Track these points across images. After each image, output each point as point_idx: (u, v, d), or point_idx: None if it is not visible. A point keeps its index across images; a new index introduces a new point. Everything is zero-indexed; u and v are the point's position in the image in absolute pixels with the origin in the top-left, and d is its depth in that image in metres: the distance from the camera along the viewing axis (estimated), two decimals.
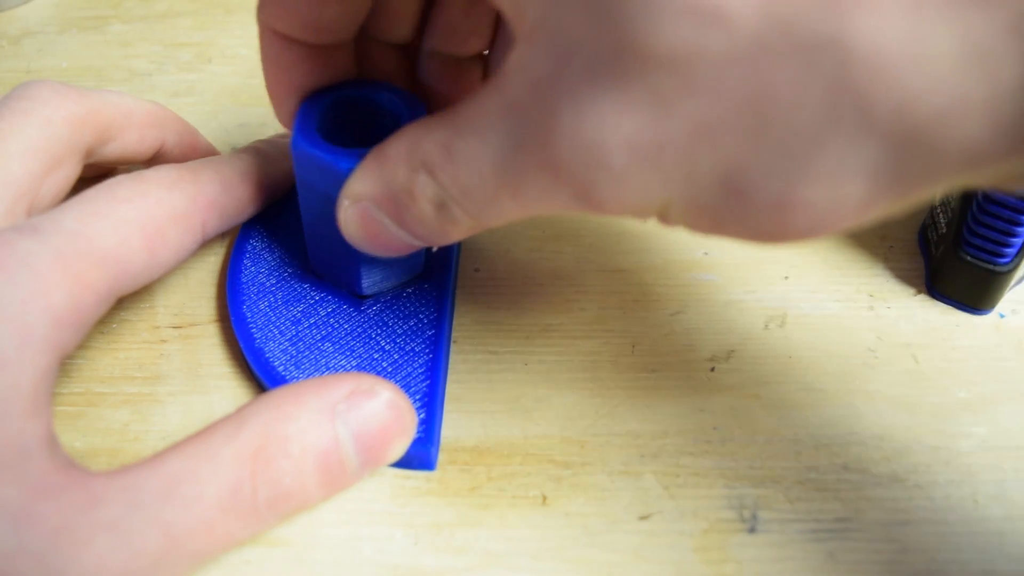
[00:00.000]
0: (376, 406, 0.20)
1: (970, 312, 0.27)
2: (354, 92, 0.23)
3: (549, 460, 0.23)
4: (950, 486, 0.23)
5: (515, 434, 0.24)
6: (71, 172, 0.24)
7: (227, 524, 0.18)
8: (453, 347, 0.26)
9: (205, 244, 0.28)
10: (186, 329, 0.26)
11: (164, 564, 0.17)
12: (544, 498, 0.22)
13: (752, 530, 0.22)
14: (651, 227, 0.29)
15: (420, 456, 0.22)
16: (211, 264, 0.28)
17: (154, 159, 0.27)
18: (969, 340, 0.26)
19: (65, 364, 0.21)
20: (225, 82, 0.35)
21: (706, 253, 0.28)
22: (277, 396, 0.19)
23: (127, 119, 0.25)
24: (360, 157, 0.20)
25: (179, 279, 0.27)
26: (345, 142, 0.22)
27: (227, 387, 0.25)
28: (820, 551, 0.21)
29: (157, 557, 0.17)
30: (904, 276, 0.28)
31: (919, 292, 0.27)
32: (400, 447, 0.20)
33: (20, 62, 0.36)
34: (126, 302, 0.27)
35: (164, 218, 0.22)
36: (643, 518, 0.22)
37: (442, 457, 0.23)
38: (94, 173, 0.28)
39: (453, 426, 0.24)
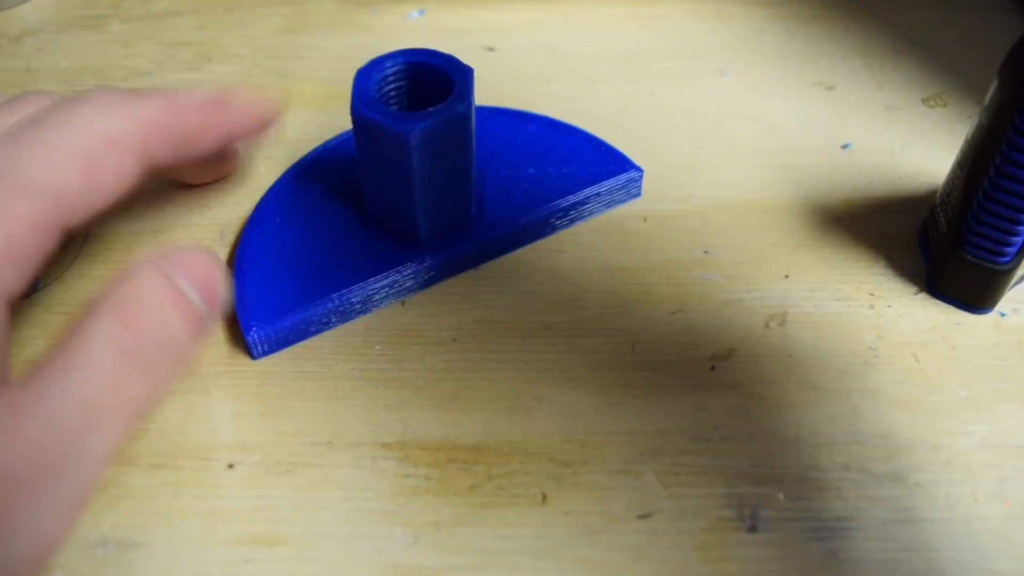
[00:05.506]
0: (190, 255, 0.21)
1: (970, 311, 0.26)
2: (409, 59, 0.26)
3: (549, 459, 0.23)
4: (951, 485, 0.23)
5: (515, 433, 0.24)
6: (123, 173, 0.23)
7: (130, 381, 0.19)
8: (453, 345, 0.26)
9: (203, 242, 0.28)
10: None
11: (87, 433, 0.18)
12: (544, 497, 0.22)
13: (752, 529, 0.22)
14: (651, 226, 0.29)
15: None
16: None
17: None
18: (969, 339, 0.26)
19: None
20: (225, 81, 0.35)
21: (706, 252, 0.28)
22: (111, 283, 0.20)
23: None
24: (416, 121, 0.24)
25: None
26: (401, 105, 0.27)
27: (227, 386, 0.25)
28: (821, 550, 0.21)
29: (80, 429, 0.18)
30: (904, 275, 0.28)
31: (919, 291, 0.27)
32: (223, 286, 0.22)
33: (20, 61, 0.36)
34: None
35: (99, 141, 0.21)
36: (643, 517, 0.22)
37: (441, 456, 0.23)
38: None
39: (453, 425, 0.24)
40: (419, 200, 0.26)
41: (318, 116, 0.33)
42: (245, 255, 0.27)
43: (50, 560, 0.18)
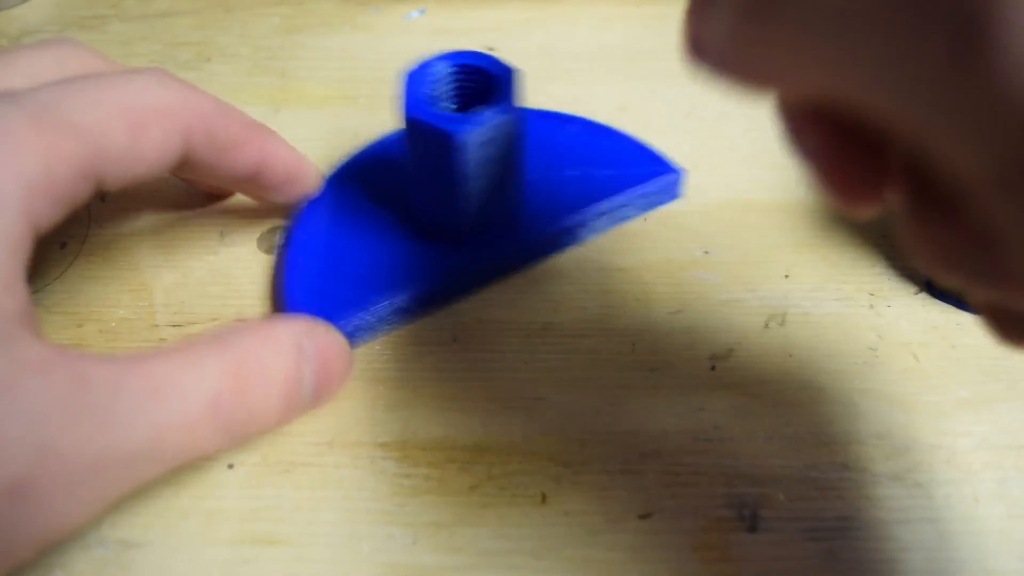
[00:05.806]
0: (331, 343, 0.22)
1: (970, 311, 0.26)
2: (459, 61, 0.26)
3: (549, 459, 0.23)
4: (950, 485, 0.23)
5: (515, 433, 0.24)
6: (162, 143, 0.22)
7: (205, 432, 0.18)
8: (453, 345, 0.26)
9: (202, 242, 0.28)
10: (185, 328, 0.26)
11: (145, 459, 0.17)
12: (544, 497, 0.22)
13: (752, 529, 0.22)
14: (651, 226, 0.29)
15: None
16: (210, 263, 0.28)
17: (251, 178, 0.26)
18: (969, 339, 0.26)
19: None
20: (225, 81, 0.35)
21: (706, 252, 0.28)
22: (254, 324, 0.20)
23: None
24: (470, 122, 0.24)
25: (178, 278, 0.27)
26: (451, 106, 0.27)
27: None
28: (820, 550, 0.21)
29: (141, 451, 0.17)
30: (904, 275, 0.28)
31: (920, 291, 0.27)
32: (340, 384, 0.22)
33: None
34: (124, 300, 0.27)
35: (148, 108, 0.21)
36: (643, 517, 0.22)
37: (441, 456, 0.23)
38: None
39: (453, 425, 0.24)
40: (470, 201, 0.26)
41: (317, 116, 0.33)
42: (290, 261, 0.26)
43: (16, 564, 0.17)
